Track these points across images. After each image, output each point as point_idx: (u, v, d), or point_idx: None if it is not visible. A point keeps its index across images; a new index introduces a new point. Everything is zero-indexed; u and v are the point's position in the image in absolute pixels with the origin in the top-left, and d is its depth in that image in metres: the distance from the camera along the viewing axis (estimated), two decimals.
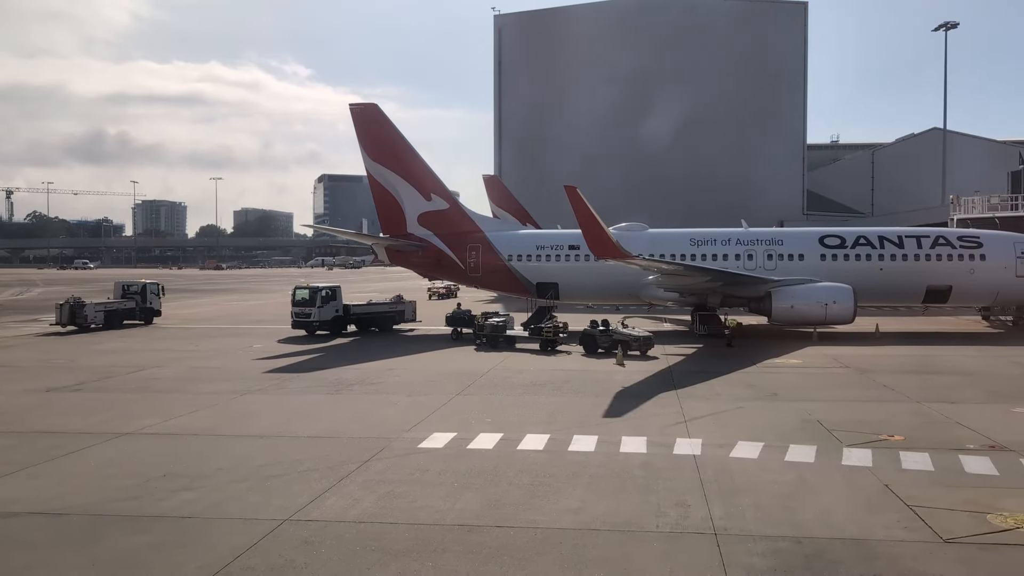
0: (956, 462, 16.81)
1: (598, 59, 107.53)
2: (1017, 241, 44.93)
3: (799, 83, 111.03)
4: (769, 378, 28.86)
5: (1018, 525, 12.97)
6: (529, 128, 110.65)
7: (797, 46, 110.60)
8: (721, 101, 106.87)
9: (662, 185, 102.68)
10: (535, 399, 24.78)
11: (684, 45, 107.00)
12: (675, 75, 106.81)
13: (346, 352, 37.65)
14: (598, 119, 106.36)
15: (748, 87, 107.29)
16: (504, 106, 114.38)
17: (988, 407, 23.13)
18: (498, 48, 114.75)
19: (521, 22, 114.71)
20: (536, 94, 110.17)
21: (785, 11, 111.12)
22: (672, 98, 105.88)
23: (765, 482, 15.56)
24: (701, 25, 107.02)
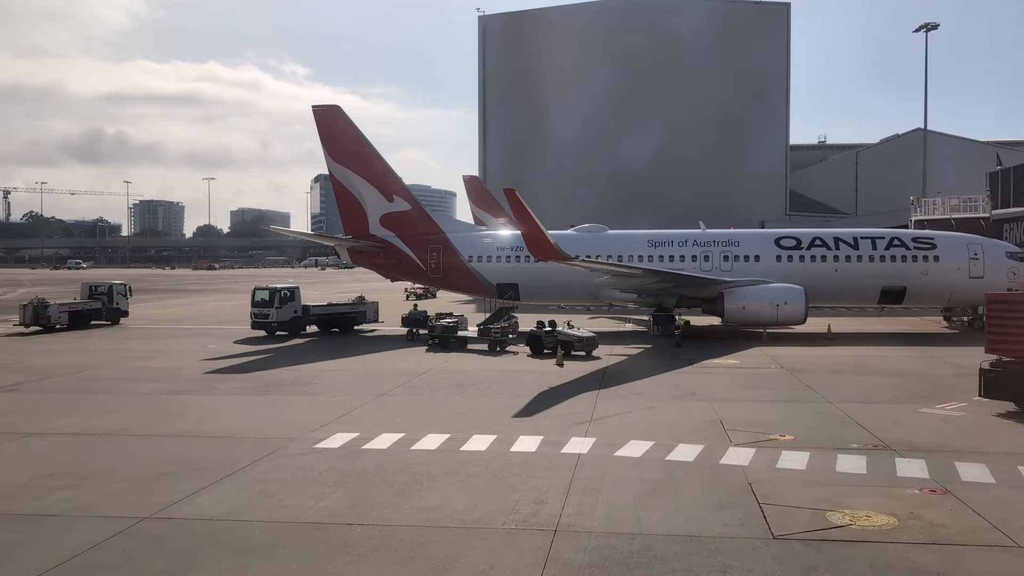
0: (831, 462, 17.16)
1: (582, 60, 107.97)
2: (971, 243, 45.29)
3: (782, 84, 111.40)
4: (697, 378, 29.25)
5: (852, 522, 13.34)
6: (513, 129, 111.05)
7: (780, 47, 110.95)
8: (705, 102, 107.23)
9: (646, 186, 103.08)
10: (455, 399, 25.15)
11: (668, 46, 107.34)
12: (659, 76, 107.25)
13: (296, 353, 38.02)
14: (582, 120, 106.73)
15: (732, 88, 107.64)
16: (488, 107, 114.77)
17: (898, 407, 23.46)
18: (482, 48, 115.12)
19: (505, 23, 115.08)
20: (520, 95, 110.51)
21: (768, 12, 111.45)
22: (656, 99, 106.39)
23: (633, 480, 15.93)
24: (685, 26, 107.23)
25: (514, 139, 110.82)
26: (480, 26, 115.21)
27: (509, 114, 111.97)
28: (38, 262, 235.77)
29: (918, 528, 13.07)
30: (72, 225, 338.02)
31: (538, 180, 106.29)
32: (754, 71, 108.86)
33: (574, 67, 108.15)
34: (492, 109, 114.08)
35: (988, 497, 14.74)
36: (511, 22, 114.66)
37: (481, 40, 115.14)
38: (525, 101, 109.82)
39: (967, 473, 16.26)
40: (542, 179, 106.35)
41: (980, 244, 45.17)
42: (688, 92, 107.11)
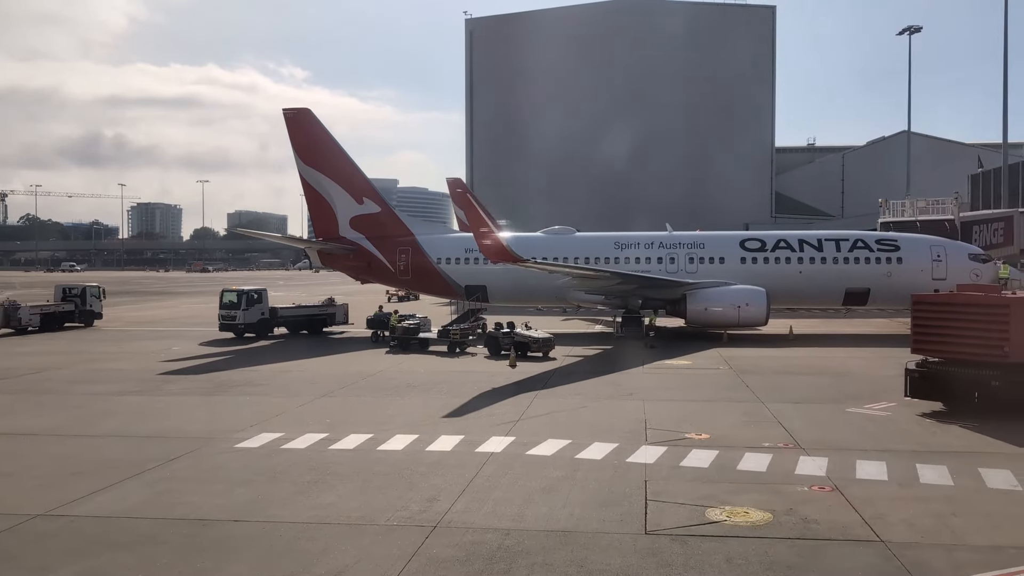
0: (735, 460, 17.42)
1: (568, 63, 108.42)
2: (934, 244, 45.57)
3: (767, 87, 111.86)
4: (642, 379, 29.55)
5: (728, 518, 13.62)
6: (500, 131, 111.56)
7: (765, 50, 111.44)
8: (691, 105, 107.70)
9: (633, 187, 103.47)
10: (394, 400, 25.45)
11: (653, 49, 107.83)
12: (645, 79, 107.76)
13: (256, 354, 38.28)
14: (568, 122, 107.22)
15: (718, 91, 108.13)
16: (475, 109, 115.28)
17: (828, 407, 23.76)
18: (469, 51, 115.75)
19: (492, 25, 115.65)
20: (506, 97, 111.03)
21: (753, 14, 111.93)
22: (642, 102, 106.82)
23: (533, 478, 16.21)
24: (670, 29, 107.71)
25: (500, 141, 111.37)
26: (467, 29, 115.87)
27: (495, 116, 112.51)
28: (33, 265, 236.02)
29: (790, 524, 13.34)
30: (69, 228, 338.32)
31: (525, 182, 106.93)
32: (740, 74, 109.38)
33: (560, 70, 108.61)
34: (479, 112, 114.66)
35: (874, 494, 15.02)
36: (497, 25, 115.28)
37: (468, 43, 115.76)
38: (511, 103, 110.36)
39: (864, 471, 16.53)
40: (529, 181, 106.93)
41: (943, 246, 45.44)
42: (674, 94, 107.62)
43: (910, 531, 12.98)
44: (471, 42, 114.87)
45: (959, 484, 15.67)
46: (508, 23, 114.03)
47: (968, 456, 17.78)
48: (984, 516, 13.77)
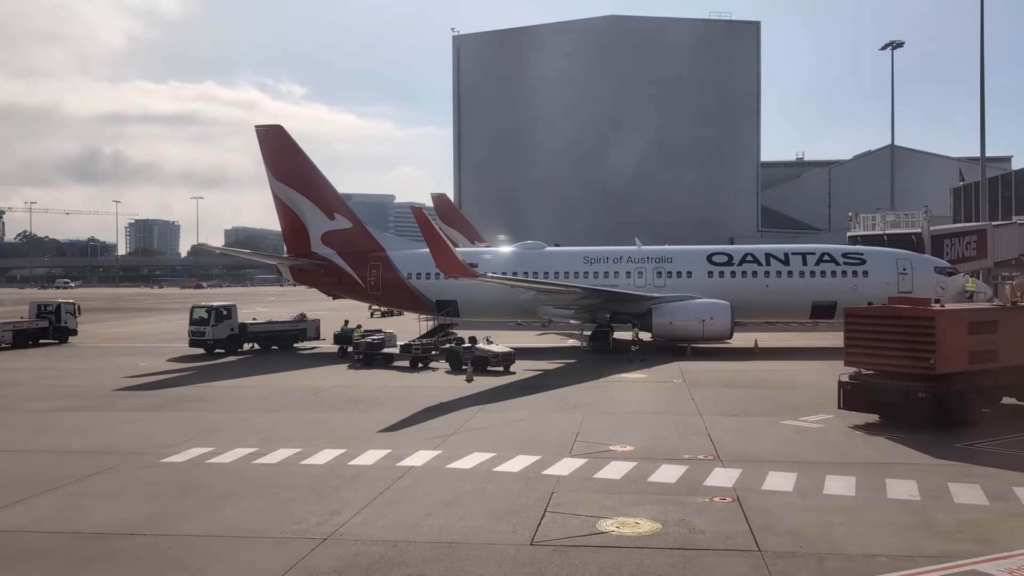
0: (649, 472, 17.57)
1: (555, 79, 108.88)
2: (899, 258, 45.80)
3: (753, 102, 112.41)
4: (591, 392, 29.75)
5: (616, 529, 13.76)
6: (487, 147, 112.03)
7: (751, 65, 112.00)
8: (678, 120, 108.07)
9: (620, 203, 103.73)
10: (337, 415, 25.62)
11: (639, 66, 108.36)
12: (631, 95, 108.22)
13: (219, 370, 38.38)
14: (555, 139, 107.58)
15: (704, 106, 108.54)
16: (463, 125, 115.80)
17: (763, 419, 23.91)
18: (457, 68, 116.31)
19: (479, 42, 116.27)
20: (494, 113, 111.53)
21: (739, 30, 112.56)
22: (628, 117, 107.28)
23: (443, 491, 16.35)
24: (656, 46, 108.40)
25: (488, 157, 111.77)
26: (454, 46, 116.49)
27: (483, 132, 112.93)
28: (28, 282, 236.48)
29: (676, 534, 13.49)
30: (66, 245, 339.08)
31: (512, 197, 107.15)
32: (726, 89, 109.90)
33: (547, 86, 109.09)
34: (466, 127, 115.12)
35: (773, 504, 15.18)
36: (485, 42, 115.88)
37: (455, 59, 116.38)
38: (498, 120, 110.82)
39: (773, 482, 16.68)
40: (516, 196, 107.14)
41: (909, 259, 45.67)
42: (660, 110, 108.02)
43: (792, 541, 13.12)
44: (458, 58, 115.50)
45: (860, 495, 15.81)
46: (496, 40, 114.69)
47: (881, 467, 17.93)
48: (871, 525, 13.91)
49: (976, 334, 22.31)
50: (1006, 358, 23.13)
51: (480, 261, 49.64)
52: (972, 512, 14.61)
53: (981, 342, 22.35)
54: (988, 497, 15.46)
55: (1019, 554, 12.41)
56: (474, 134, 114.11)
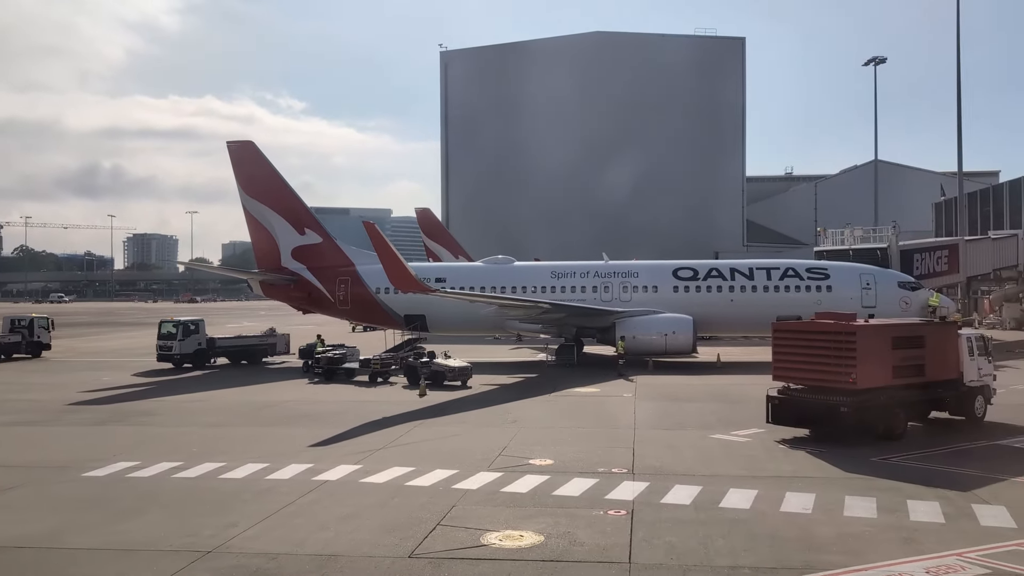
0: (556, 485, 17.77)
1: (542, 95, 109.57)
2: (863, 273, 46.12)
3: (738, 117, 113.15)
4: (537, 407, 29.99)
5: (499, 541, 13.97)
6: (475, 162, 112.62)
7: (736, 80, 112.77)
8: (664, 135, 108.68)
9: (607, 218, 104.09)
10: (277, 430, 25.82)
11: (625, 82, 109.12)
12: (617, 111, 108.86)
13: (179, 385, 38.51)
14: (543, 155, 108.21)
15: (690, 121, 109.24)
16: (451, 141, 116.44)
17: (695, 433, 24.14)
18: (444, 84, 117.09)
19: (467, 58, 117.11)
20: (482, 129, 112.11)
21: (724, 46, 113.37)
22: (616, 133, 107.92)
23: (346, 505, 16.55)
24: (642, 62, 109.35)
25: (475, 172, 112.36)
26: (442, 62, 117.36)
27: (470, 148, 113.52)
28: (23, 296, 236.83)
29: (555, 547, 13.70)
30: (63, 259, 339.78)
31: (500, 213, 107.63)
32: (712, 104, 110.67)
33: (534, 102, 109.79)
34: (454, 142, 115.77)
35: (664, 517, 15.37)
36: (472, 58, 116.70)
37: (443, 75, 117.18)
38: (486, 135, 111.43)
39: (674, 496, 16.86)
40: (504, 212, 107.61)
41: (872, 274, 45.98)
42: (647, 125, 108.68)
43: (665, 554, 13.32)
44: (446, 74, 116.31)
45: (755, 508, 16.00)
46: (484, 55, 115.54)
47: (788, 480, 18.12)
48: (750, 537, 14.10)
49: (901, 349, 22.55)
50: (933, 373, 23.37)
51: (448, 275, 50.08)
52: (856, 525, 14.79)
53: (906, 357, 22.59)
54: (878, 510, 15.65)
55: (878, 566, 12.59)
56: (462, 149, 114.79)
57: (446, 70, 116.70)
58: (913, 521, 15.01)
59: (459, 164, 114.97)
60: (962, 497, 16.53)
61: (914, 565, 12.63)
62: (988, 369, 25.03)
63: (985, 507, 15.79)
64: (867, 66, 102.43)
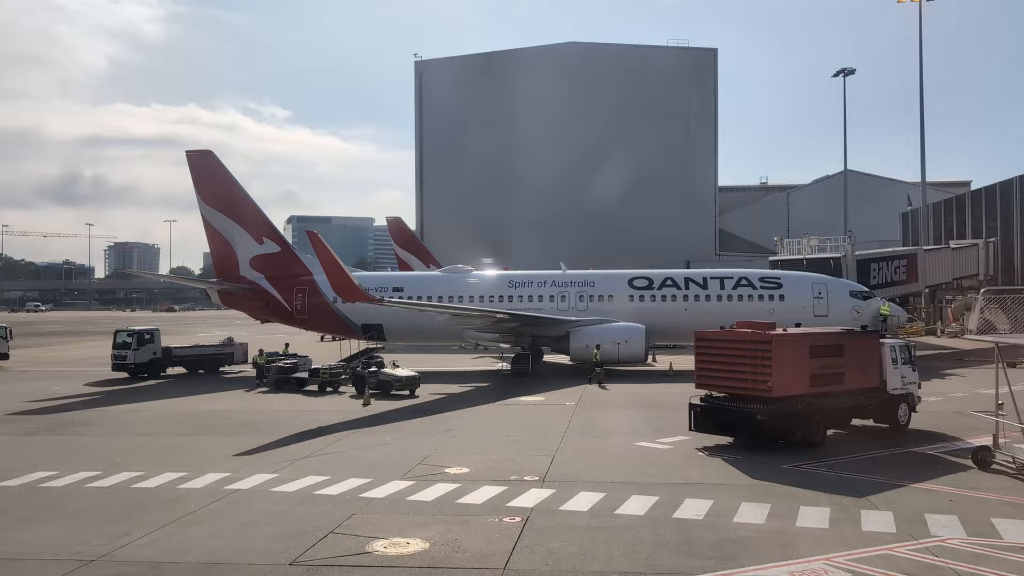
0: (463, 493, 17.95)
1: (516, 105, 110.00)
2: (815, 282, 46.62)
3: (710, 127, 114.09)
4: (476, 416, 30.13)
5: (384, 548, 14.13)
6: (449, 171, 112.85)
7: (708, 91, 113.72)
8: (635, 144, 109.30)
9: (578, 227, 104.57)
10: (207, 439, 25.83)
11: (598, 91, 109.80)
12: (591, 120, 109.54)
13: (128, 395, 38.26)
14: (518, 164, 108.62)
15: (663, 132, 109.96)
16: (425, 150, 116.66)
17: (622, 440, 24.35)
18: (419, 93, 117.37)
19: (442, 68, 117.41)
20: (456, 139, 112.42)
21: (696, 57, 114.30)
22: (590, 143, 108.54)
23: (249, 513, 16.66)
24: (615, 72, 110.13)
25: (449, 181, 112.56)
26: (416, 71, 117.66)
27: (444, 156, 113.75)
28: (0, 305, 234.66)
29: (437, 553, 13.88)
30: (42, 268, 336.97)
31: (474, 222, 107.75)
32: (684, 115, 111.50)
33: (508, 111, 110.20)
34: (428, 152, 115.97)
35: (555, 524, 15.57)
36: (447, 67, 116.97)
37: (417, 85, 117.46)
38: (460, 144, 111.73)
39: (575, 503, 17.07)
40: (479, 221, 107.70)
41: (824, 284, 46.48)
42: (621, 136, 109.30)
43: (542, 559, 13.52)
44: (420, 84, 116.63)
45: (649, 514, 16.22)
46: (457, 65, 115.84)
47: (692, 487, 18.36)
48: (634, 543, 14.32)
49: (819, 358, 22.89)
50: (854, 381, 23.72)
51: (406, 285, 50.25)
52: (741, 531, 15.03)
53: (824, 365, 22.93)
54: (768, 517, 15.91)
55: (745, 571, 12.85)
56: (436, 158, 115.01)
57: (420, 79, 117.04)
58: (798, 527, 15.27)
59: (433, 173, 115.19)
60: (855, 503, 16.82)
61: (780, 570, 12.88)
62: (912, 377, 25.37)
63: (874, 513, 16.08)
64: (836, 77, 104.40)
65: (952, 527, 15.05)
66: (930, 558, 13.37)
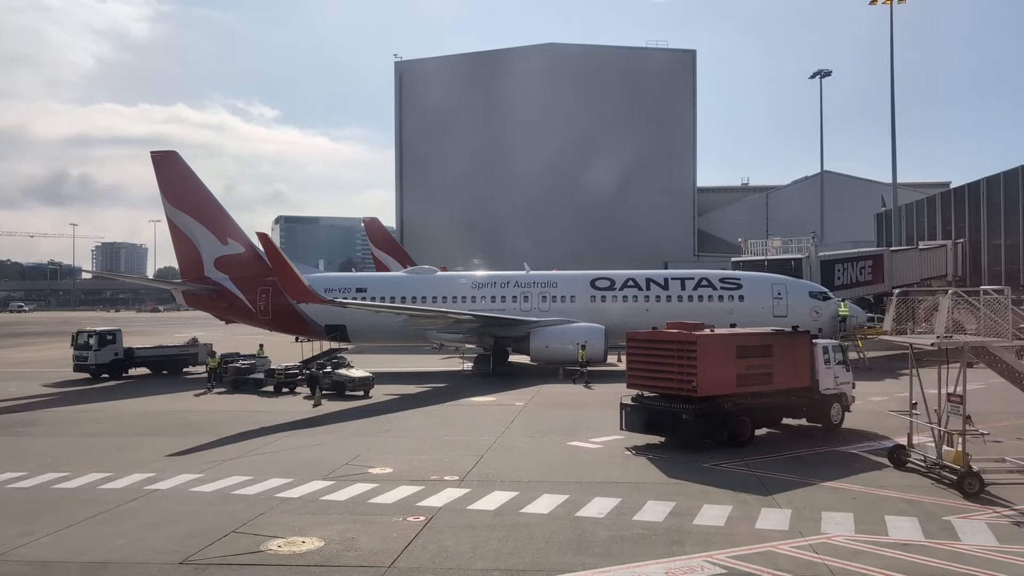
0: (377, 493, 18.15)
1: (495, 106, 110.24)
2: (775, 283, 46.96)
3: (689, 129, 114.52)
4: (423, 416, 30.31)
5: (277, 548, 14.30)
6: (426, 173, 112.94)
7: (687, 93, 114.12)
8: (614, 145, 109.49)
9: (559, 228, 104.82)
10: (147, 440, 25.85)
11: (578, 93, 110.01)
12: (570, 122, 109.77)
13: (84, 395, 38.20)
14: (495, 164, 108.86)
15: (642, 133, 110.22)
16: (405, 151, 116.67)
17: (557, 439, 24.61)
18: (398, 94, 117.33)
19: (422, 68, 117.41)
20: (434, 140, 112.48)
21: (675, 59, 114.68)
22: (569, 144, 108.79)
23: (158, 512, 16.83)
24: (594, 73, 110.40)
25: (428, 182, 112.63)
26: (396, 71, 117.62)
27: (423, 157, 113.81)
28: None
29: (329, 551, 14.08)
30: (28, 268, 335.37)
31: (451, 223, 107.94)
32: (663, 116, 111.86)
33: (487, 113, 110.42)
34: (408, 153, 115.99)
35: (458, 523, 15.77)
36: (427, 68, 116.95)
37: (397, 85, 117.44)
38: (437, 145, 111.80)
39: (486, 502, 17.28)
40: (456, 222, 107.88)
41: (784, 284, 46.82)
42: (600, 136, 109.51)
43: (431, 558, 13.71)
44: (400, 84, 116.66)
45: (554, 513, 16.43)
46: (437, 66, 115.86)
47: (608, 486, 18.58)
48: (527, 541, 14.54)
49: (746, 358, 23.15)
50: (783, 381, 24.00)
51: (369, 286, 50.41)
52: (637, 528, 15.26)
53: (752, 365, 23.19)
54: (670, 515, 16.14)
55: (624, 567, 13.07)
56: (416, 159, 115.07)
57: (400, 80, 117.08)
58: (694, 524, 15.51)
59: (413, 174, 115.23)
60: (759, 501, 17.07)
61: (658, 566, 13.11)
62: (846, 378, 25.68)
63: (774, 511, 16.33)
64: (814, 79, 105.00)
65: (844, 524, 15.31)
66: (809, 554, 13.62)
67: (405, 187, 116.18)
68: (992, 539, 14.40)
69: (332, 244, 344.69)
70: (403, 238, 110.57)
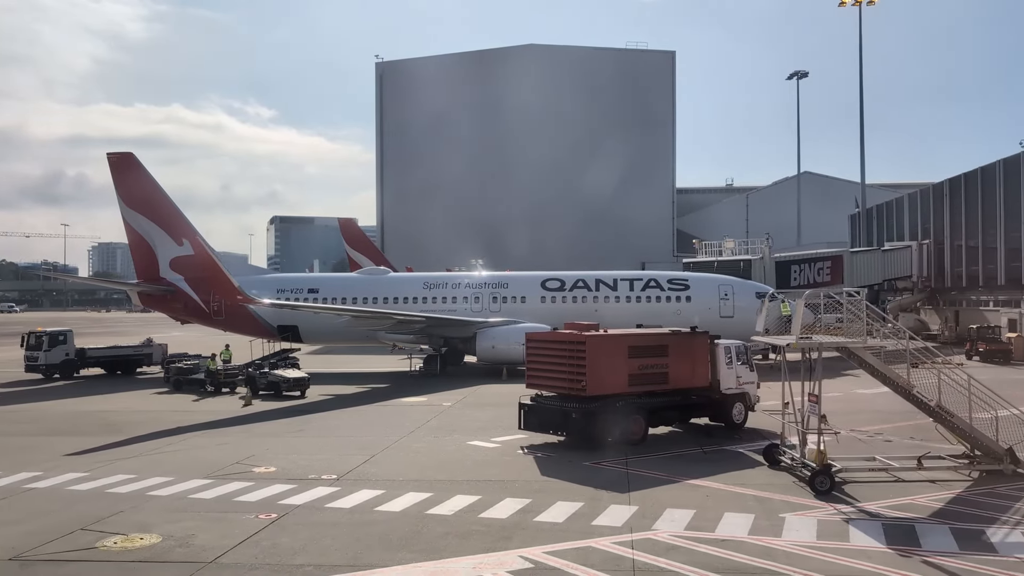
0: (247, 491, 18.46)
1: (474, 107, 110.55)
2: (721, 284, 47.27)
3: (669, 129, 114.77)
4: (348, 417, 30.72)
5: (113, 544, 14.61)
6: (406, 174, 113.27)
7: (666, 94, 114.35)
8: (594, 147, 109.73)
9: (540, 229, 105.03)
10: (55, 440, 25.91)
11: (558, 94, 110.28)
12: (552, 123, 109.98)
13: (25, 395, 38.46)
14: (475, 166, 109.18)
15: (621, 133, 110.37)
16: (385, 152, 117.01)
17: (461, 438, 24.97)
18: (379, 95, 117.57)
19: (403, 69, 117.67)
20: (416, 140, 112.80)
21: (655, 60, 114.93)
22: (549, 145, 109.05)
23: (23, 511, 17.13)
24: (574, 74, 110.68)
25: (407, 183, 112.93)
26: (377, 72, 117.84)
27: (404, 158, 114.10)
28: None
29: (162, 547, 14.42)
30: (23, 268, 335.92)
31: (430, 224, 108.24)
32: (642, 117, 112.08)
33: (467, 114, 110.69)
34: (389, 153, 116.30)
35: (307, 521, 16.09)
36: (408, 69, 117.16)
37: (378, 86, 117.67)
38: (420, 146, 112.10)
39: (347, 500, 17.62)
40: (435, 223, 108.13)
41: (731, 285, 47.12)
42: (579, 138, 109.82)
43: (256, 554, 14.02)
44: (381, 85, 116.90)
45: (406, 511, 16.73)
46: (418, 66, 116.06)
47: (478, 484, 18.89)
48: (356, 538, 14.82)
49: (639, 358, 23.43)
50: (680, 380, 24.28)
51: (321, 286, 50.72)
52: (477, 525, 15.59)
53: (645, 365, 23.48)
54: (516, 512, 16.44)
55: (435, 562, 13.38)
56: (396, 160, 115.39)
57: (381, 81, 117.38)
58: (535, 521, 15.81)
59: (393, 174, 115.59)
60: (612, 498, 17.38)
61: (469, 561, 13.41)
62: (749, 377, 25.94)
63: (620, 508, 16.64)
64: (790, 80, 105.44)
65: (678, 521, 15.61)
66: (624, 550, 13.91)
67: (385, 188, 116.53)
68: (812, 536, 14.69)
69: (327, 244, 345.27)
70: (383, 239, 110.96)
